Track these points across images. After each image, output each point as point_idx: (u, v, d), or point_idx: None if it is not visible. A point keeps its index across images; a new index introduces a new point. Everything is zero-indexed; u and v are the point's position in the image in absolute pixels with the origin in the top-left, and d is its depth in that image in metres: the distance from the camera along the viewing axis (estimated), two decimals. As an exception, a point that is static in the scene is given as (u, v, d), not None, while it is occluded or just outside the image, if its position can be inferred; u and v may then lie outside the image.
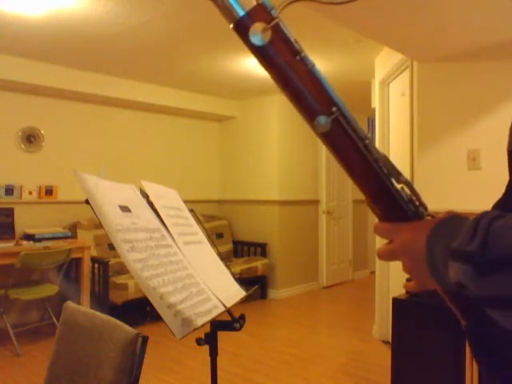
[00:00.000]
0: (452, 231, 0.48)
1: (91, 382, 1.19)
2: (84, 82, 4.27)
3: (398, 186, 0.56)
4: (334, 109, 0.53)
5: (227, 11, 0.53)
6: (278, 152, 5.29)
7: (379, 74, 3.82)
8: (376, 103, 3.87)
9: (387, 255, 0.57)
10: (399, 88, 3.49)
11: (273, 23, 0.51)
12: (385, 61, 3.68)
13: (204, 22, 3.16)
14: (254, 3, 0.52)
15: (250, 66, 4.15)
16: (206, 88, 5.01)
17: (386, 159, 0.56)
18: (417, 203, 0.56)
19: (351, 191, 6.25)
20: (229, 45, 3.60)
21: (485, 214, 0.45)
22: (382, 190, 0.55)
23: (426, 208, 0.56)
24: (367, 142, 0.54)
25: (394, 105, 3.64)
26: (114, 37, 3.41)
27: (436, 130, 3.04)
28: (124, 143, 4.93)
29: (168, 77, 4.56)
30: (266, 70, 0.54)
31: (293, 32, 0.53)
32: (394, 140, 3.61)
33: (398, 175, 0.56)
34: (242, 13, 0.52)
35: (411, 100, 3.18)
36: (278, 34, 0.52)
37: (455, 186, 2.92)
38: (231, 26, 0.53)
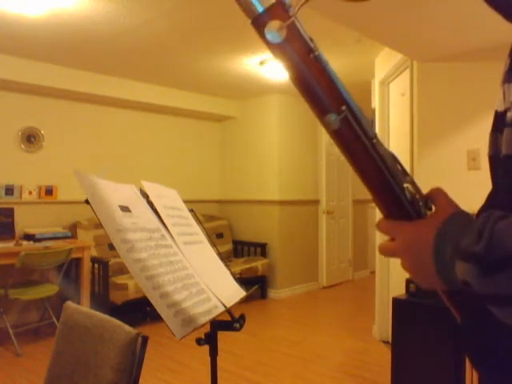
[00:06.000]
0: (459, 230, 0.49)
1: (91, 381, 1.19)
2: (84, 82, 4.27)
3: (403, 186, 0.56)
4: (344, 107, 0.54)
5: (247, 7, 0.54)
6: (278, 152, 5.29)
7: (379, 74, 3.82)
8: (376, 103, 3.87)
9: (389, 253, 0.58)
10: (399, 88, 3.49)
11: (288, 22, 0.53)
12: (385, 61, 3.68)
13: (204, 22, 3.16)
14: (273, 0, 0.53)
15: (250, 66, 4.15)
16: (206, 88, 5.01)
17: (394, 158, 0.57)
18: (420, 204, 0.56)
19: (351, 191, 6.26)
20: (229, 45, 3.61)
21: (490, 214, 0.47)
22: (386, 188, 0.56)
23: (430, 208, 0.57)
24: (374, 141, 0.55)
25: (394, 105, 3.63)
26: (114, 37, 3.41)
27: (436, 130, 3.04)
28: (124, 143, 4.92)
29: (168, 77, 4.56)
30: (282, 65, 0.55)
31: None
32: (394, 140, 3.61)
33: (403, 175, 0.57)
34: (260, 9, 0.54)
35: (411, 100, 3.18)
36: (293, 33, 0.53)
37: (455, 186, 2.91)
38: (250, 21, 0.55)
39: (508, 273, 0.42)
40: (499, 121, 0.57)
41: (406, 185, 0.56)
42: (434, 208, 0.56)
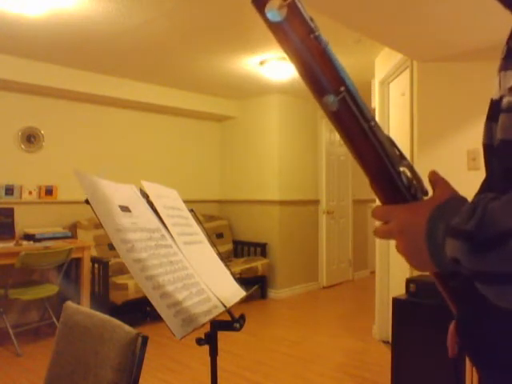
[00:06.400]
0: (453, 212, 0.49)
1: (91, 381, 1.19)
2: (84, 82, 4.27)
3: (400, 170, 0.56)
4: (343, 88, 0.53)
5: None
6: (278, 152, 5.29)
7: (379, 74, 3.82)
8: (376, 103, 3.87)
9: (384, 234, 0.58)
10: (399, 88, 3.49)
11: (289, 0, 0.52)
12: (385, 61, 3.68)
13: (204, 22, 3.16)
14: None
15: (250, 66, 4.15)
16: (206, 88, 5.01)
17: (391, 142, 0.56)
18: (417, 188, 0.56)
19: (351, 191, 6.25)
20: (229, 45, 3.61)
21: (484, 195, 0.47)
22: (383, 172, 0.55)
23: (426, 193, 0.57)
24: (372, 123, 0.55)
25: (394, 105, 3.64)
26: (114, 37, 3.41)
27: (436, 129, 3.04)
28: (124, 143, 4.92)
29: (168, 77, 4.56)
30: (280, 45, 0.55)
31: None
32: (394, 140, 3.61)
33: (400, 159, 0.56)
34: None
35: (411, 100, 3.18)
36: (294, 12, 0.53)
37: (455, 186, 2.90)
38: (251, 0, 0.54)
39: (498, 251, 0.42)
40: (495, 109, 0.57)
41: (402, 169, 0.56)
42: (431, 193, 0.56)
